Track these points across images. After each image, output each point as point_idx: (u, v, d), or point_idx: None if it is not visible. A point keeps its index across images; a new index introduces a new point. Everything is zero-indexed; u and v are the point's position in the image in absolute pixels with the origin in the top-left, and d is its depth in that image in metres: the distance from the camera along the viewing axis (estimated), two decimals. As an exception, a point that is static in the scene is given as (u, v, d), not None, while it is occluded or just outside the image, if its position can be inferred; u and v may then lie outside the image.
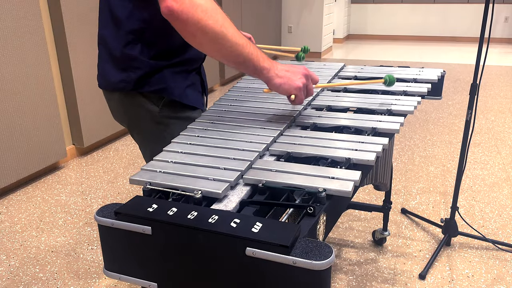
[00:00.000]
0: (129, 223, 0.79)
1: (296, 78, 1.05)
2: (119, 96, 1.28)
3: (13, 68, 2.60)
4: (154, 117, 1.26)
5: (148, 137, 1.31)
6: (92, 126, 3.23)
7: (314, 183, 0.88)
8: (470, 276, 1.90)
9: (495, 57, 6.67)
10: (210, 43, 0.99)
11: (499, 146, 3.30)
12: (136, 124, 1.31)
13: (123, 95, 1.26)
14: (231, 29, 0.99)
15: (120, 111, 1.31)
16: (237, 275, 0.73)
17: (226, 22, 0.98)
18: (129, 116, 1.30)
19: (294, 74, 1.06)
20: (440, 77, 1.61)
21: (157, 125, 1.27)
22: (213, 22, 0.96)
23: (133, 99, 1.25)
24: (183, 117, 1.28)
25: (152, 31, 1.15)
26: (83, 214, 2.47)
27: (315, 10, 6.65)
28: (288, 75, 1.05)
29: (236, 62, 1.03)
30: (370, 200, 2.57)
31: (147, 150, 1.34)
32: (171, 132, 1.27)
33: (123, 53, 1.19)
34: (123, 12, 1.14)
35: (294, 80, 1.05)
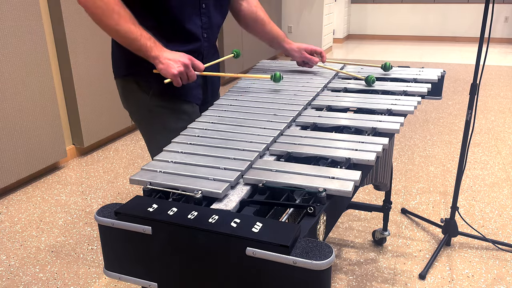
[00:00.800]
0: (129, 223, 0.79)
1: (174, 66, 1.22)
2: (120, 83, 1.41)
3: (13, 68, 2.60)
4: (146, 105, 1.37)
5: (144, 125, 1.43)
6: (92, 126, 3.23)
7: (314, 183, 0.88)
8: (470, 276, 1.90)
9: (495, 57, 6.67)
10: (111, 35, 1.24)
11: (499, 146, 3.30)
12: (134, 111, 1.43)
13: (122, 81, 1.40)
14: (126, 27, 1.20)
15: (122, 98, 1.44)
16: (237, 275, 0.73)
17: (121, 20, 1.19)
18: (128, 103, 1.43)
19: (175, 62, 1.22)
20: (440, 77, 1.61)
21: (148, 113, 1.38)
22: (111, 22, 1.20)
23: (131, 86, 1.38)
24: (173, 108, 1.37)
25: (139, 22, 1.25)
26: (83, 214, 2.47)
27: (315, 10, 6.65)
28: (168, 63, 1.22)
29: (133, 51, 1.24)
30: (370, 200, 2.57)
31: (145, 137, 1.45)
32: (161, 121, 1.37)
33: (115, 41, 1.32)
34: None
35: (172, 68, 1.22)
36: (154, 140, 1.39)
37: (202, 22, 1.36)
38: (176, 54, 1.24)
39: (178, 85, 1.25)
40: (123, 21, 1.20)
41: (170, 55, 1.23)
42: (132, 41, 1.21)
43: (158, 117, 1.37)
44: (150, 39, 1.22)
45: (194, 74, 1.26)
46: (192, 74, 1.25)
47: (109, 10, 1.19)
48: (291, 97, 1.39)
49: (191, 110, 1.39)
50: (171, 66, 1.22)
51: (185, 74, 1.25)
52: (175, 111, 1.37)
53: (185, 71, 1.24)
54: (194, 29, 1.34)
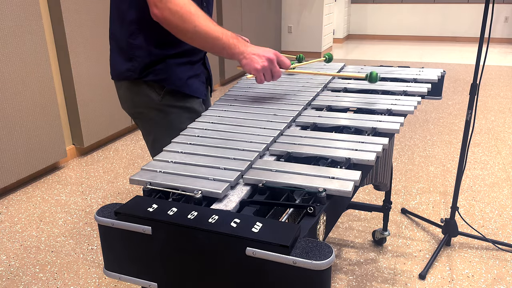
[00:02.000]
0: (129, 223, 0.79)
1: (258, 61, 1.19)
2: (126, 85, 1.38)
3: (13, 68, 2.60)
4: (155, 105, 1.35)
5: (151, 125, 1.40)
6: (92, 126, 3.23)
7: (314, 183, 0.88)
8: (470, 276, 1.90)
9: (495, 57, 6.67)
10: (190, 40, 1.20)
11: (499, 146, 3.30)
12: (140, 112, 1.40)
13: (130, 84, 1.37)
14: (205, 27, 1.17)
15: (127, 100, 1.41)
16: (237, 275, 0.73)
17: (200, 22, 1.17)
18: (134, 104, 1.40)
19: (259, 57, 1.19)
20: (440, 77, 1.61)
21: (158, 113, 1.36)
22: (189, 25, 1.16)
23: (138, 88, 1.35)
24: (183, 107, 1.36)
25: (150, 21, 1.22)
26: (83, 214, 2.47)
27: (315, 10, 6.65)
28: (252, 57, 1.19)
29: (214, 51, 1.22)
30: (370, 200, 2.57)
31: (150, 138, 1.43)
32: (170, 120, 1.35)
33: (128, 43, 1.29)
34: (125, 4, 1.26)
35: (255, 63, 1.19)
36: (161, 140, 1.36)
37: None
38: (261, 49, 1.21)
39: (260, 82, 1.22)
40: (202, 21, 1.16)
41: (255, 50, 1.20)
42: (214, 40, 1.18)
43: (168, 116, 1.36)
44: (233, 36, 1.20)
45: (279, 71, 1.22)
46: (276, 71, 1.22)
47: (187, 13, 1.15)
48: (291, 97, 1.39)
49: (199, 108, 1.39)
50: (255, 61, 1.18)
51: (269, 70, 1.21)
52: (186, 109, 1.36)
53: (269, 67, 1.20)
54: None
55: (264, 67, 1.19)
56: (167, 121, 1.36)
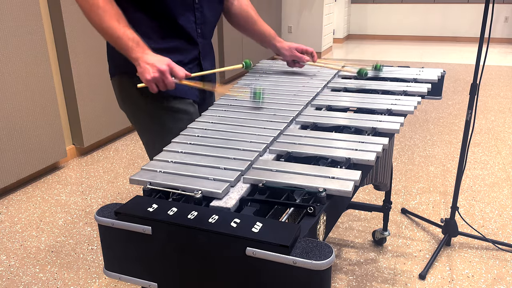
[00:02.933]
0: (129, 223, 0.79)
1: (150, 71, 1.16)
2: (116, 83, 1.38)
3: (13, 68, 2.60)
4: (143, 108, 1.34)
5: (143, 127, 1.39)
6: (92, 126, 3.23)
7: (314, 183, 0.88)
8: (470, 276, 1.90)
9: (495, 57, 6.67)
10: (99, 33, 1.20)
11: (499, 146, 3.30)
12: (132, 113, 1.40)
13: (118, 81, 1.37)
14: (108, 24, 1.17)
15: (119, 99, 1.41)
16: (237, 275, 0.73)
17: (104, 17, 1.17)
18: (125, 104, 1.40)
19: (152, 66, 1.17)
20: (440, 77, 1.61)
21: (146, 116, 1.35)
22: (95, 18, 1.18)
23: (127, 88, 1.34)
24: (172, 108, 1.34)
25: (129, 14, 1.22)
26: (83, 214, 2.47)
27: (315, 10, 6.65)
28: (145, 67, 1.17)
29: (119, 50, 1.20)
30: (370, 200, 2.57)
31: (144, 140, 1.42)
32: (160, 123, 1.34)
33: None
34: None
35: (146, 73, 1.17)
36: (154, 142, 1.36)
37: (195, 18, 1.33)
38: (156, 58, 1.19)
39: (153, 91, 1.20)
40: (107, 17, 1.17)
41: (150, 59, 1.18)
42: (116, 39, 1.18)
43: (158, 118, 1.34)
44: (133, 39, 1.18)
45: (171, 82, 1.19)
46: (168, 82, 1.19)
47: (94, 6, 1.16)
48: (291, 96, 1.39)
49: (192, 110, 1.37)
50: (147, 71, 1.17)
51: (161, 81, 1.18)
52: (176, 111, 1.34)
53: (160, 78, 1.18)
54: (187, 25, 1.32)
55: (154, 78, 1.17)
56: (156, 124, 1.34)
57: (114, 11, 1.18)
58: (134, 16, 1.24)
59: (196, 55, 1.38)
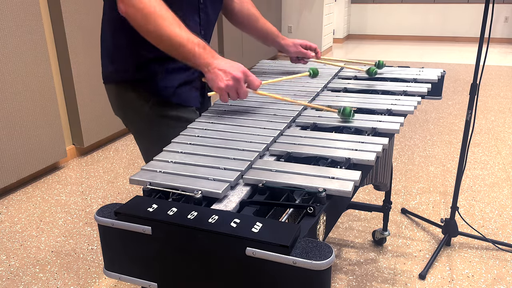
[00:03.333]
0: (129, 223, 0.79)
1: (223, 78, 1.08)
2: (114, 90, 1.32)
3: (13, 68, 2.60)
4: (144, 115, 1.28)
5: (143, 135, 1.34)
6: (92, 126, 3.23)
7: (314, 183, 0.88)
8: (470, 276, 1.90)
9: (495, 57, 6.67)
10: (156, 43, 1.10)
11: (499, 146, 3.30)
12: (130, 120, 1.34)
13: (117, 88, 1.30)
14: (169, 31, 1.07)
15: (116, 106, 1.35)
16: (237, 275, 0.73)
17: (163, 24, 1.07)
18: (123, 111, 1.34)
19: (225, 74, 1.08)
20: (440, 77, 1.61)
21: (147, 123, 1.29)
22: (151, 26, 1.07)
23: (126, 94, 1.28)
24: (175, 117, 1.28)
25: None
26: (83, 214, 2.47)
27: (315, 10, 6.65)
28: (217, 73, 1.08)
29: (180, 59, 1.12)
30: (370, 200, 2.57)
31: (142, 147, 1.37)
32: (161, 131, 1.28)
33: (112, 43, 1.24)
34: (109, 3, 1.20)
35: (219, 80, 1.08)
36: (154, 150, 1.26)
37: (200, 19, 1.29)
38: (229, 64, 1.10)
39: (224, 101, 1.12)
40: (166, 24, 1.07)
41: (222, 64, 1.09)
42: (178, 47, 1.08)
43: (159, 126, 1.28)
44: (199, 44, 1.09)
45: (245, 91, 1.11)
46: (243, 91, 1.10)
47: (150, 14, 1.06)
48: (291, 97, 1.39)
49: (193, 117, 1.31)
50: (220, 78, 1.08)
51: (234, 90, 1.10)
52: (178, 119, 1.28)
53: (234, 86, 1.09)
54: (194, 27, 1.26)
55: (228, 86, 1.09)
56: (157, 132, 1.28)
57: (172, 17, 1.09)
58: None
59: None
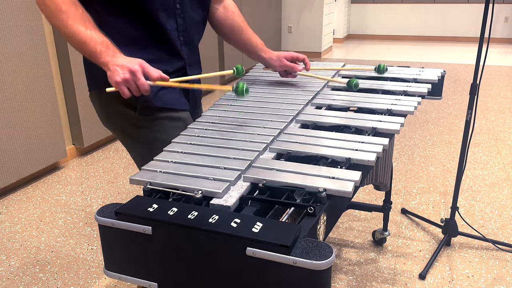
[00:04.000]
0: (130, 223, 0.79)
1: (119, 73, 1.05)
2: (96, 96, 1.28)
3: (13, 68, 2.60)
4: (133, 120, 1.24)
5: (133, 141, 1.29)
6: (92, 126, 3.23)
7: (315, 183, 0.88)
8: (470, 276, 1.90)
9: (495, 57, 6.67)
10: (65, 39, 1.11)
11: (499, 146, 3.30)
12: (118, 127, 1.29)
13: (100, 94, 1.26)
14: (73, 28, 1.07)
15: (103, 115, 1.30)
16: (238, 275, 0.73)
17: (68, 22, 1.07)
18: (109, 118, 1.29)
19: (121, 68, 1.06)
20: (440, 77, 1.61)
21: (137, 129, 1.25)
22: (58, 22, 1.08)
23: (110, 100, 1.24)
24: (166, 117, 1.24)
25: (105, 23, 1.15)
26: (83, 214, 2.47)
27: (315, 10, 6.65)
28: (114, 69, 1.06)
29: (86, 56, 1.11)
30: (370, 200, 2.57)
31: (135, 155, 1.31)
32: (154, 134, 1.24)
33: None
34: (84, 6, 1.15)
35: (116, 75, 1.05)
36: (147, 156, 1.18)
37: (177, 25, 1.23)
38: (127, 60, 1.07)
39: (125, 95, 1.08)
40: (71, 21, 1.06)
41: (120, 61, 1.06)
42: (82, 45, 1.07)
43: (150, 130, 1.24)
44: (102, 43, 1.07)
45: (144, 83, 1.07)
46: (141, 83, 1.06)
47: (56, 10, 1.06)
48: (291, 96, 1.39)
49: (185, 116, 1.28)
50: (116, 73, 1.05)
51: (133, 83, 1.06)
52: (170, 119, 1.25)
53: (131, 79, 1.06)
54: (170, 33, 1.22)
55: (125, 80, 1.05)
56: (151, 136, 1.24)
57: (78, 14, 1.07)
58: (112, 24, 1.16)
59: (182, 65, 1.29)
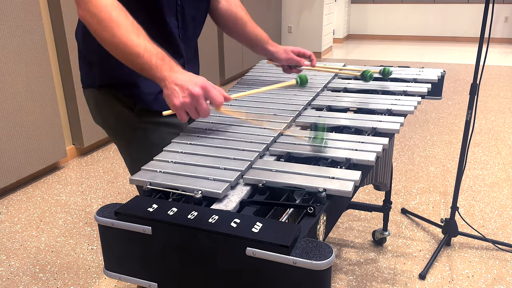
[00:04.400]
0: (129, 223, 0.79)
1: (178, 95, 0.96)
2: (91, 95, 1.26)
3: (13, 68, 2.60)
4: (130, 122, 1.21)
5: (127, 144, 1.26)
6: (92, 126, 3.23)
7: (314, 183, 0.88)
8: (470, 276, 1.90)
9: (495, 57, 6.67)
10: (111, 51, 1.01)
11: (499, 146, 3.30)
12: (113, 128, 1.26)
13: (94, 93, 1.24)
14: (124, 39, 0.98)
15: (96, 112, 1.28)
16: (237, 275, 0.73)
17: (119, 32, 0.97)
18: (104, 118, 1.26)
19: (181, 89, 0.97)
20: (440, 77, 1.61)
21: (133, 131, 1.22)
22: (107, 33, 0.98)
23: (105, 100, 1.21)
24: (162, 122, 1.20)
25: None
26: (83, 214, 2.47)
27: (315, 10, 6.65)
28: (173, 89, 0.97)
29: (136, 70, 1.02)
30: (370, 200, 2.57)
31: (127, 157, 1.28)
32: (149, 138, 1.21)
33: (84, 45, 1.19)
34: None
35: (174, 97, 0.97)
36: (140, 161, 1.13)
37: (178, 21, 1.21)
38: (188, 78, 0.98)
39: (182, 120, 1.00)
40: (122, 31, 0.97)
41: (180, 78, 0.97)
42: (135, 57, 0.98)
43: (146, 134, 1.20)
44: (157, 54, 0.99)
45: (206, 109, 0.98)
46: (203, 109, 0.98)
47: (105, 19, 0.97)
48: (291, 97, 1.39)
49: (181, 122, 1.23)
50: (175, 94, 0.96)
51: (193, 108, 0.98)
52: (166, 125, 1.21)
53: (191, 104, 0.97)
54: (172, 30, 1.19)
55: (184, 104, 0.97)
56: (145, 139, 1.21)
57: (129, 24, 0.99)
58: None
59: (181, 62, 1.25)
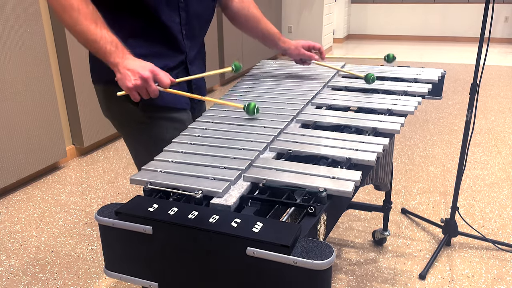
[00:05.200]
0: (130, 223, 0.79)
1: (131, 78, 1.06)
2: (101, 91, 1.30)
3: (13, 68, 2.60)
4: (135, 117, 1.25)
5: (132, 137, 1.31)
6: (92, 126, 3.23)
7: (315, 183, 0.88)
8: (470, 276, 1.90)
9: (495, 57, 6.67)
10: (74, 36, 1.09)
11: (499, 146, 3.30)
12: (120, 122, 1.32)
13: (103, 89, 1.28)
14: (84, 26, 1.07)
15: (104, 106, 1.33)
16: (238, 275, 0.73)
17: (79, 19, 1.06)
18: (113, 113, 1.32)
19: (133, 73, 1.07)
20: (440, 77, 1.61)
21: (138, 125, 1.26)
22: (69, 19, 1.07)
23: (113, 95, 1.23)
24: (166, 117, 1.25)
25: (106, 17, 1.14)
26: (83, 214, 2.47)
27: (315, 10, 6.65)
28: (125, 73, 1.07)
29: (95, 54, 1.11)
30: (370, 200, 2.57)
31: (132, 151, 1.33)
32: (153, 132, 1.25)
33: None
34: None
35: (127, 80, 1.07)
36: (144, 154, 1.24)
37: (180, 18, 1.23)
38: (137, 63, 1.08)
39: (135, 99, 1.10)
40: (82, 18, 1.06)
41: (131, 64, 1.07)
42: (91, 43, 1.07)
43: (150, 128, 1.25)
44: (112, 42, 1.08)
45: (155, 90, 1.09)
46: (153, 90, 1.09)
47: (67, 6, 1.05)
48: (292, 95, 1.39)
49: (185, 117, 1.29)
50: (127, 78, 1.06)
51: (144, 89, 1.08)
52: (170, 120, 1.26)
53: (142, 85, 1.07)
54: (172, 26, 1.22)
55: (136, 86, 1.07)
56: (149, 133, 1.26)
57: (89, 12, 1.07)
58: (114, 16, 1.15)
59: (182, 59, 1.28)
